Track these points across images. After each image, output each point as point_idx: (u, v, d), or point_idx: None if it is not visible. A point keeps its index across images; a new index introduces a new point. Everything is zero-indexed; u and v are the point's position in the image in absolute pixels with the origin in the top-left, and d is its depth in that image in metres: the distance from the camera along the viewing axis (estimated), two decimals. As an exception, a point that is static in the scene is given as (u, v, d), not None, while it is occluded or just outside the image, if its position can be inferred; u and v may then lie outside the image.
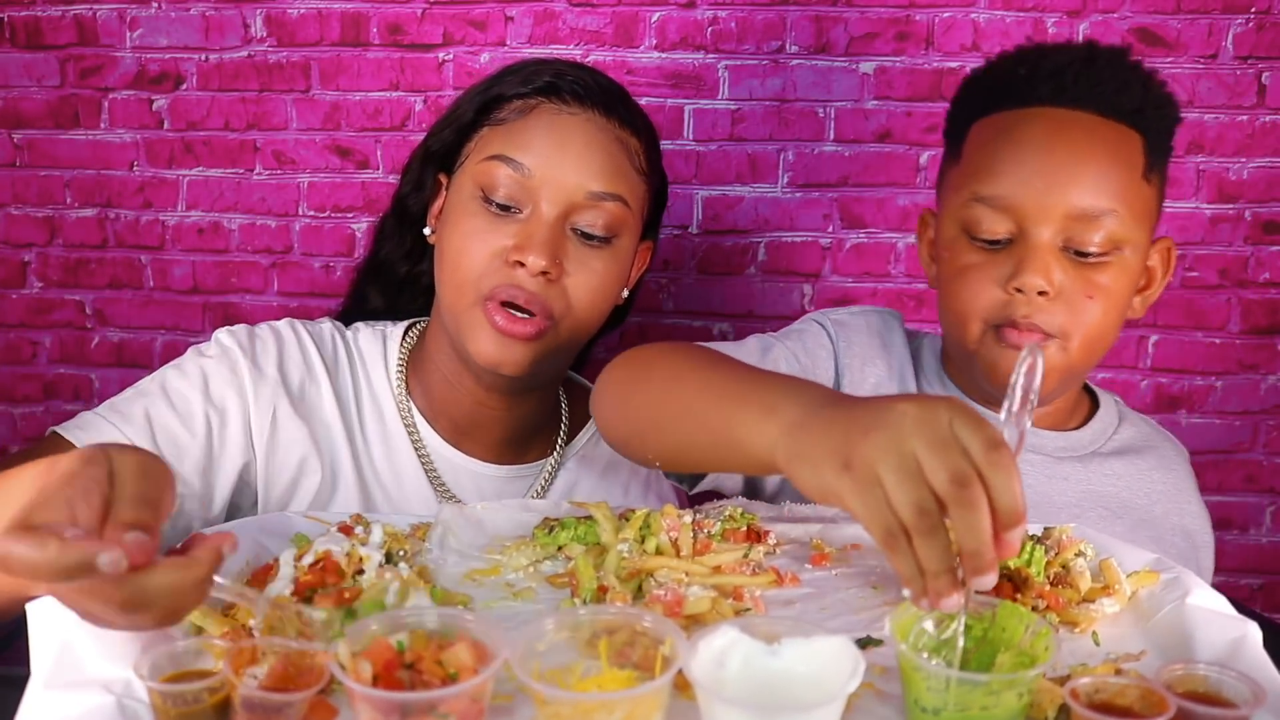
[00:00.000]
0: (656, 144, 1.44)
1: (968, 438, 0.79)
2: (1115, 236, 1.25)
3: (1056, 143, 1.25)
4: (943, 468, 0.78)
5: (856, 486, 0.82)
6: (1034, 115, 1.27)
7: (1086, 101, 1.26)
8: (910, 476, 0.79)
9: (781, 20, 2.22)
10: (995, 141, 1.29)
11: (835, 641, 0.82)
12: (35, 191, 2.38)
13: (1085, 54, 1.29)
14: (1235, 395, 2.32)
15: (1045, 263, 1.24)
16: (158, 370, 1.35)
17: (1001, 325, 1.27)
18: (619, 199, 1.34)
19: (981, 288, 1.28)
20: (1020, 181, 1.25)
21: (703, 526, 1.17)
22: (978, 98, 1.36)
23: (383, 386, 1.43)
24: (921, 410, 0.82)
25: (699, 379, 1.09)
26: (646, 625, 0.86)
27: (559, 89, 1.34)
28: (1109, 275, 1.26)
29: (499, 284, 1.30)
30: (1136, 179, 1.27)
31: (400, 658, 0.81)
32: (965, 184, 1.30)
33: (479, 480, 1.44)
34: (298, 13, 2.27)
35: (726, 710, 0.77)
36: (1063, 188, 1.23)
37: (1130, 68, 1.30)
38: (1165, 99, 1.31)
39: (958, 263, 1.31)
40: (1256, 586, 2.40)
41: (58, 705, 0.81)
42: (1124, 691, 0.82)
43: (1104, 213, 1.24)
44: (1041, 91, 1.27)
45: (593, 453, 1.52)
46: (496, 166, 1.32)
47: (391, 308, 1.52)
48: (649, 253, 1.50)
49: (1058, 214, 1.24)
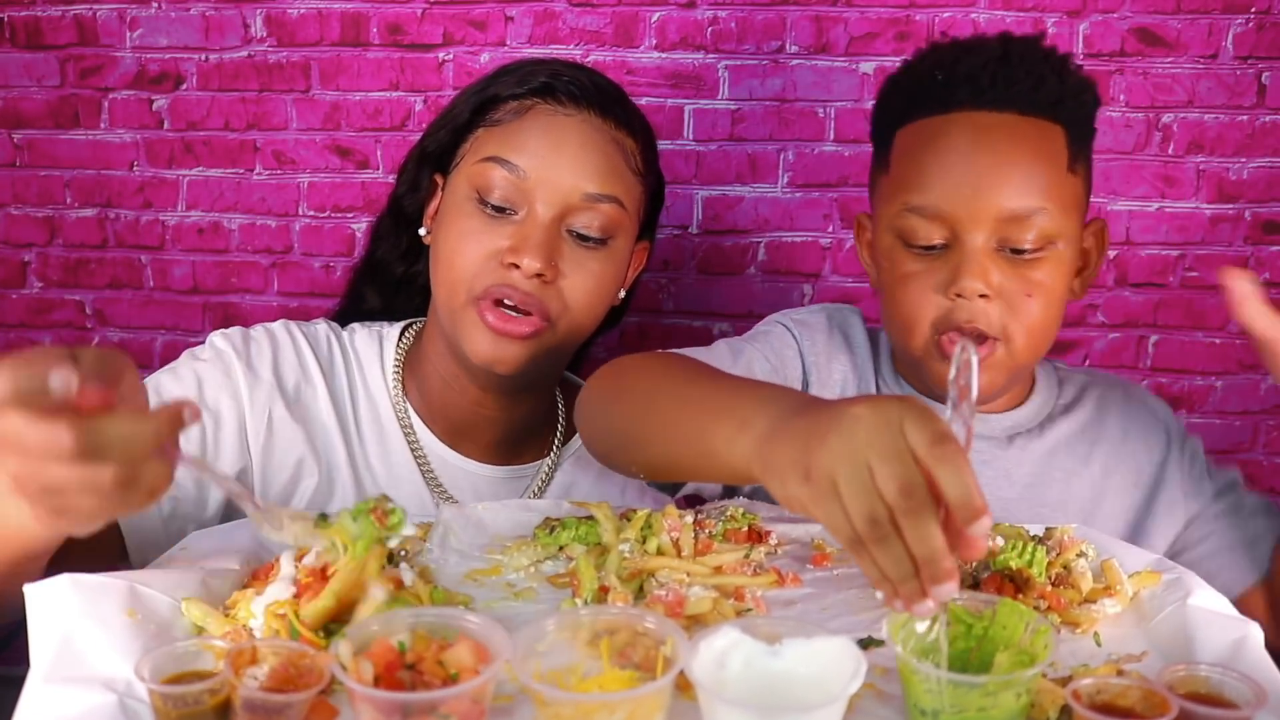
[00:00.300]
0: (653, 144, 1.44)
1: (915, 437, 0.79)
2: (1047, 232, 1.27)
3: (980, 149, 1.27)
4: (892, 477, 0.78)
5: (816, 496, 0.83)
6: (955, 121, 1.29)
7: (1005, 102, 1.28)
8: (863, 487, 0.80)
9: (781, 20, 2.22)
10: (920, 150, 1.31)
11: (837, 642, 0.82)
12: (35, 191, 2.38)
13: (1000, 52, 1.30)
14: (1235, 395, 2.32)
15: (982, 266, 1.27)
16: (151, 375, 1.34)
17: (945, 331, 1.30)
18: (615, 201, 1.34)
19: (923, 296, 1.31)
20: (949, 190, 1.27)
21: (704, 527, 1.17)
22: (899, 103, 1.37)
23: (379, 387, 1.43)
24: (874, 415, 0.81)
25: (675, 393, 1.11)
26: (648, 626, 0.86)
27: (554, 90, 1.34)
28: (1045, 270, 1.29)
29: (493, 284, 1.30)
30: (1062, 172, 1.29)
31: (401, 658, 0.81)
32: (896, 194, 1.33)
33: (475, 481, 1.44)
34: (298, 13, 2.27)
35: (728, 711, 0.77)
36: (991, 192, 1.26)
37: (1045, 60, 1.32)
38: (1082, 85, 1.34)
39: (897, 271, 1.33)
40: (1256, 586, 2.40)
41: (58, 701, 0.81)
42: (1126, 692, 0.82)
43: (1034, 211, 1.26)
44: (960, 96, 1.29)
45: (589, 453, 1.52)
46: (491, 168, 1.32)
47: (388, 308, 1.52)
48: (645, 253, 1.50)
49: (989, 218, 1.26)
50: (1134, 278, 2.26)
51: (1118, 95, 2.19)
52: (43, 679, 0.82)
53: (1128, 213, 2.23)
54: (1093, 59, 2.18)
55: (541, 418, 1.51)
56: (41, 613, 0.86)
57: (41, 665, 0.83)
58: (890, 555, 0.79)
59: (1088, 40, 2.18)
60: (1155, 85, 2.18)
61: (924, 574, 0.78)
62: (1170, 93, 2.18)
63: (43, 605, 0.87)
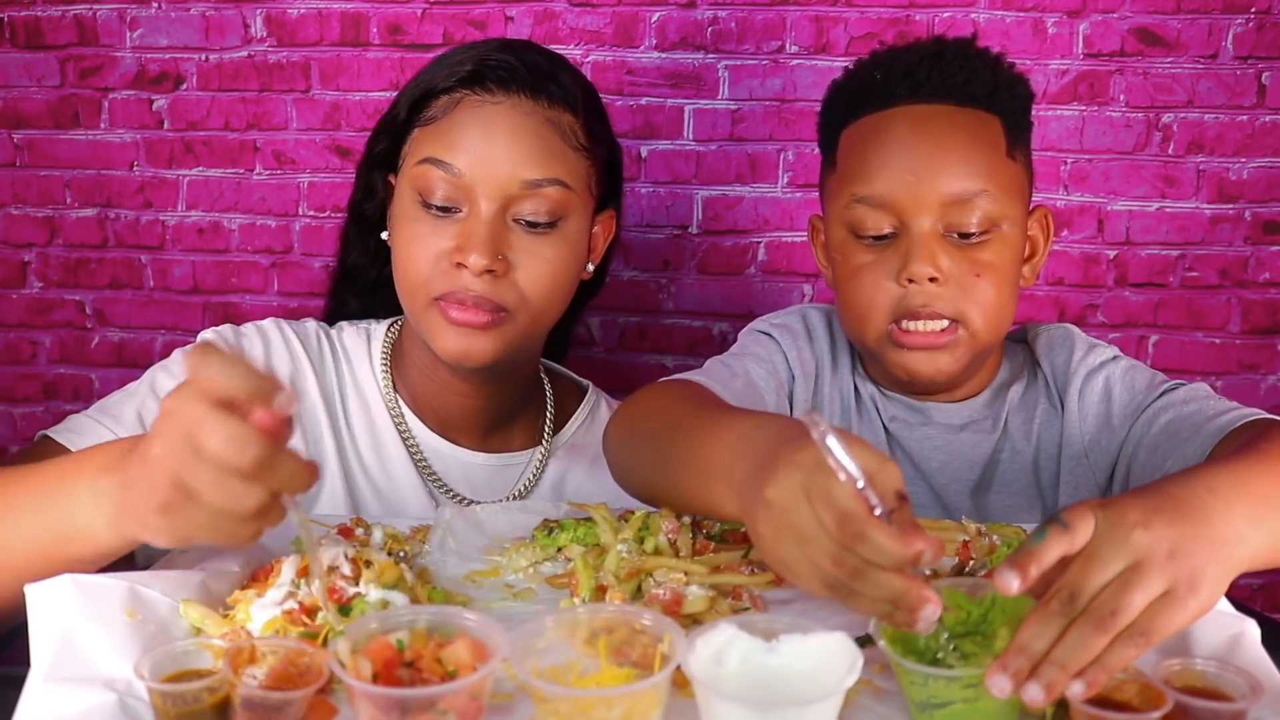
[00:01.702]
0: (598, 113, 1.42)
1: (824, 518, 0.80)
2: (990, 215, 1.32)
3: (920, 137, 1.33)
4: (822, 555, 0.80)
5: (784, 571, 0.86)
6: (896, 115, 1.35)
7: (941, 94, 1.34)
8: (808, 564, 0.82)
9: (781, 20, 2.22)
10: (864, 144, 1.36)
11: (833, 638, 0.82)
12: (35, 191, 2.38)
13: (934, 50, 1.37)
14: (1235, 395, 2.29)
15: (930, 250, 1.31)
16: (146, 372, 1.35)
17: (900, 318, 1.33)
18: (557, 183, 1.33)
19: (876, 285, 1.35)
20: (893, 178, 1.32)
21: (702, 527, 1.18)
22: (842, 106, 1.43)
23: (368, 382, 1.44)
24: (783, 499, 0.83)
25: (676, 451, 1.11)
26: (645, 623, 0.86)
27: (482, 77, 1.32)
28: (991, 251, 1.33)
29: (447, 289, 1.30)
30: (1001, 158, 1.34)
31: (400, 656, 0.81)
32: (843, 188, 1.37)
33: (469, 470, 1.45)
34: (298, 13, 2.27)
35: (725, 707, 0.77)
36: (933, 177, 1.31)
37: (977, 55, 1.38)
38: (1015, 79, 1.39)
39: (850, 263, 1.38)
40: (1256, 586, 2.40)
41: (59, 700, 0.81)
42: (1122, 686, 0.82)
43: (976, 194, 1.31)
44: (899, 91, 1.35)
45: (582, 442, 1.53)
46: (429, 170, 1.31)
47: (368, 310, 1.53)
48: (613, 221, 1.49)
49: (933, 203, 1.31)
50: (1134, 278, 2.26)
51: (1118, 95, 2.19)
52: (43, 678, 0.83)
53: (1128, 213, 2.23)
54: (1093, 59, 2.18)
55: (526, 401, 1.51)
56: (42, 612, 0.87)
57: (42, 665, 0.84)
58: (864, 603, 0.81)
59: (1088, 40, 2.19)
60: (1155, 85, 2.18)
61: (900, 609, 0.79)
62: (1170, 93, 2.18)
63: (43, 605, 0.87)
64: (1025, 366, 1.50)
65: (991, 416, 1.45)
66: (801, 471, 0.82)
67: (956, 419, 1.45)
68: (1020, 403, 1.46)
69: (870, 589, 0.79)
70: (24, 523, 0.94)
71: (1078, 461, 1.41)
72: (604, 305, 2.22)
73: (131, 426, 1.26)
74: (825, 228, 1.46)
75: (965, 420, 1.45)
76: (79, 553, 0.93)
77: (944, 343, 1.34)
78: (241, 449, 0.78)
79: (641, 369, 2.35)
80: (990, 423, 1.45)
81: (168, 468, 0.80)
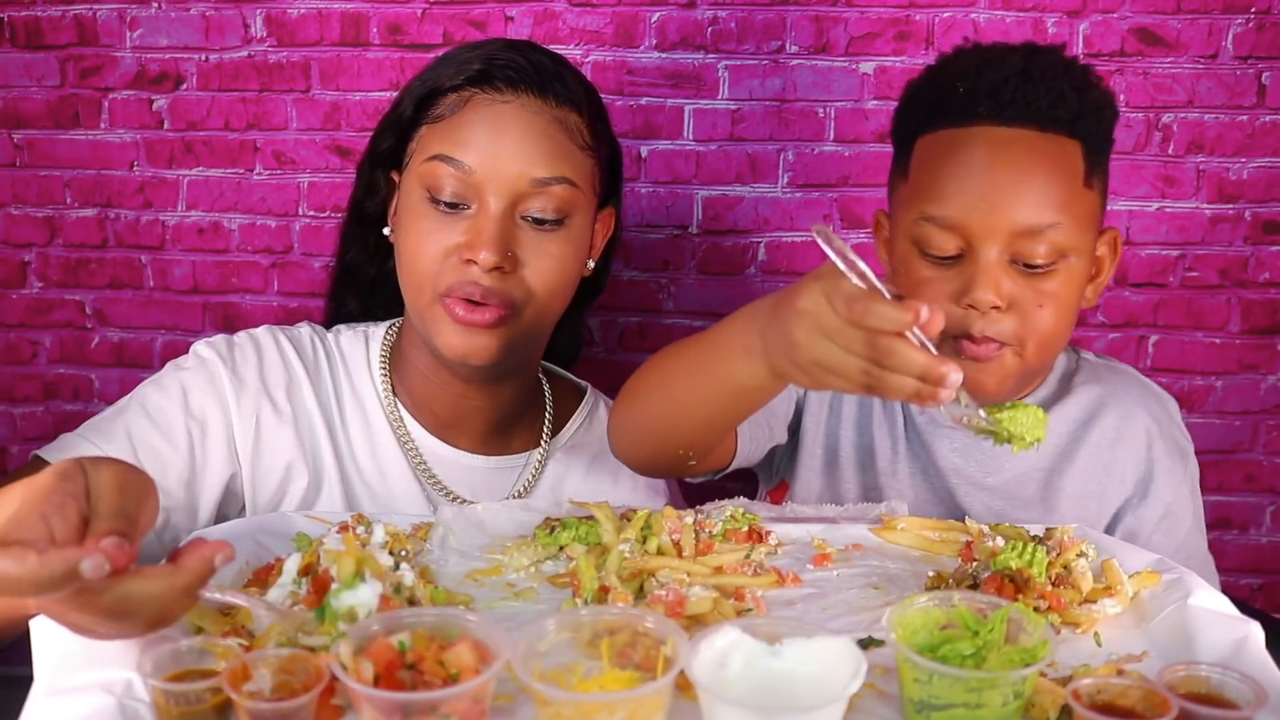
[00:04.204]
0: (601, 112, 1.43)
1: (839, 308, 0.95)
2: (1060, 246, 1.29)
3: (998, 163, 1.29)
4: (853, 342, 0.95)
5: (819, 382, 1.01)
6: (975, 135, 1.31)
7: (1024, 118, 1.30)
8: (840, 360, 0.97)
9: (781, 20, 2.22)
10: (939, 161, 1.33)
11: (837, 642, 0.82)
12: (35, 191, 2.37)
13: (1021, 66, 1.32)
14: (1235, 395, 2.32)
15: (994, 278, 1.29)
16: (136, 389, 1.35)
17: (957, 338, 1.31)
18: (565, 181, 1.33)
19: (936, 303, 1.30)
20: (965, 203, 1.29)
21: (704, 527, 1.17)
22: (920, 111, 1.40)
23: (366, 385, 1.44)
24: (805, 303, 0.98)
25: (684, 369, 1.23)
26: (648, 626, 0.86)
27: (491, 76, 1.33)
28: (1057, 281, 1.31)
29: (455, 282, 1.31)
30: (1078, 188, 1.31)
31: (402, 658, 0.81)
32: (914, 202, 1.36)
33: (468, 472, 1.45)
34: (298, 13, 2.27)
35: (728, 711, 0.77)
36: (1006, 208, 1.28)
37: (1065, 74, 1.33)
38: (1101, 100, 1.36)
39: (912, 277, 1.36)
40: (1256, 586, 2.40)
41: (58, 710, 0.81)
42: (1126, 692, 0.82)
43: (1048, 227, 1.28)
44: (980, 110, 1.31)
45: (581, 443, 1.53)
46: (438, 166, 1.32)
47: (367, 309, 1.53)
48: (612, 219, 1.50)
49: (1003, 232, 1.28)
50: (1134, 278, 2.26)
51: (1118, 95, 2.18)
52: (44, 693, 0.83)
53: (1128, 213, 2.22)
54: (1093, 59, 2.18)
55: (527, 403, 1.51)
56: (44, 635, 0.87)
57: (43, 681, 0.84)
58: (893, 384, 0.95)
59: (1088, 40, 2.18)
60: (1155, 85, 2.18)
61: (929, 382, 0.94)
62: (1170, 93, 2.18)
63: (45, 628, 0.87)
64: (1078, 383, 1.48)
65: None
66: (821, 280, 0.97)
67: None
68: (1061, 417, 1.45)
69: (898, 363, 0.93)
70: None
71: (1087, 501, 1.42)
72: (604, 305, 2.22)
73: (121, 443, 1.27)
74: (890, 232, 1.44)
75: None
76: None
77: (991, 356, 1.31)
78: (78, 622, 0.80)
79: (642, 369, 2.35)
80: None
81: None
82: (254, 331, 1.42)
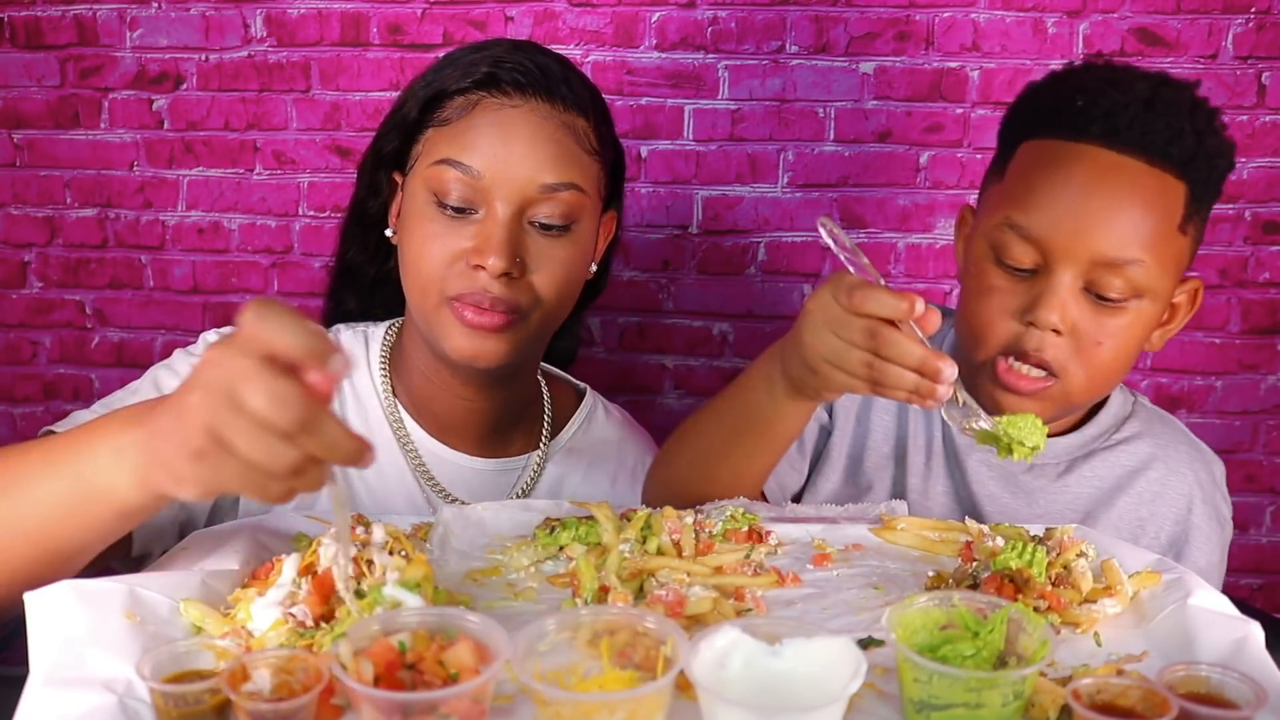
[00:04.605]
0: (606, 116, 1.42)
1: (842, 301, 1.04)
2: (1138, 285, 1.25)
3: (1098, 187, 1.24)
4: (858, 332, 1.03)
5: (829, 377, 1.08)
6: (1080, 153, 1.26)
7: (1136, 148, 1.25)
8: (843, 352, 1.05)
9: (781, 20, 2.22)
10: (1038, 170, 1.29)
11: (837, 642, 0.82)
12: (35, 191, 2.38)
13: (1147, 96, 1.26)
14: (1235, 395, 2.32)
15: (1063, 301, 1.25)
16: (149, 370, 1.34)
17: (1010, 355, 1.28)
18: (573, 187, 1.33)
19: (1000, 315, 1.29)
20: (1053, 219, 1.25)
21: (704, 527, 1.17)
22: (1033, 115, 1.35)
23: (366, 387, 1.43)
24: (814, 304, 1.08)
25: (713, 414, 1.31)
26: (648, 626, 0.86)
27: (499, 80, 1.32)
28: (1125, 320, 1.27)
29: (463, 290, 1.30)
30: (1171, 230, 1.26)
31: (402, 658, 0.81)
32: (1002, 204, 1.31)
33: (466, 475, 1.44)
34: (298, 13, 2.27)
35: (728, 711, 0.77)
36: (1092, 234, 1.23)
37: (1189, 114, 1.27)
38: (1220, 148, 1.30)
39: (983, 282, 1.32)
40: (1256, 586, 2.40)
41: (58, 703, 0.81)
42: (1126, 692, 0.82)
43: (1129, 262, 1.24)
44: (1094, 129, 1.26)
45: (579, 445, 1.52)
46: (445, 171, 1.31)
47: (367, 309, 1.52)
48: (613, 222, 1.49)
49: (1083, 258, 1.24)
50: (1134, 278, 2.26)
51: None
52: (43, 682, 0.82)
53: (1128, 213, 2.23)
54: (1093, 59, 2.18)
55: (526, 405, 1.51)
56: (41, 618, 0.86)
57: (41, 669, 0.83)
58: (893, 376, 1.02)
59: (1088, 40, 2.18)
60: (1155, 85, 2.18)
61: (925, 373, 1.01)
62: (1170, 93, 2.18)
63: (43, 611, 0.87)
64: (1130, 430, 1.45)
65: (1065, 464, 1.43)
66: (828, 283, 1.07)
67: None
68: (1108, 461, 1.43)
69: (897, 353, 1.01)
70: (41, 488, 0.92)
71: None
72: (604, 305, 2.22)
73: None
74: (971, 230, 1.40)
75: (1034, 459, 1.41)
76: (100, 513, 0.91)
77: (1035, 390, 1.28)
78: (284, 408, 0.76)
79: (641, 369, 2.35)
80: (1058, 468, 1.43)
81: (203, 417, 0.78)
82: None
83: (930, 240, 2.32)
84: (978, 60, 2.23)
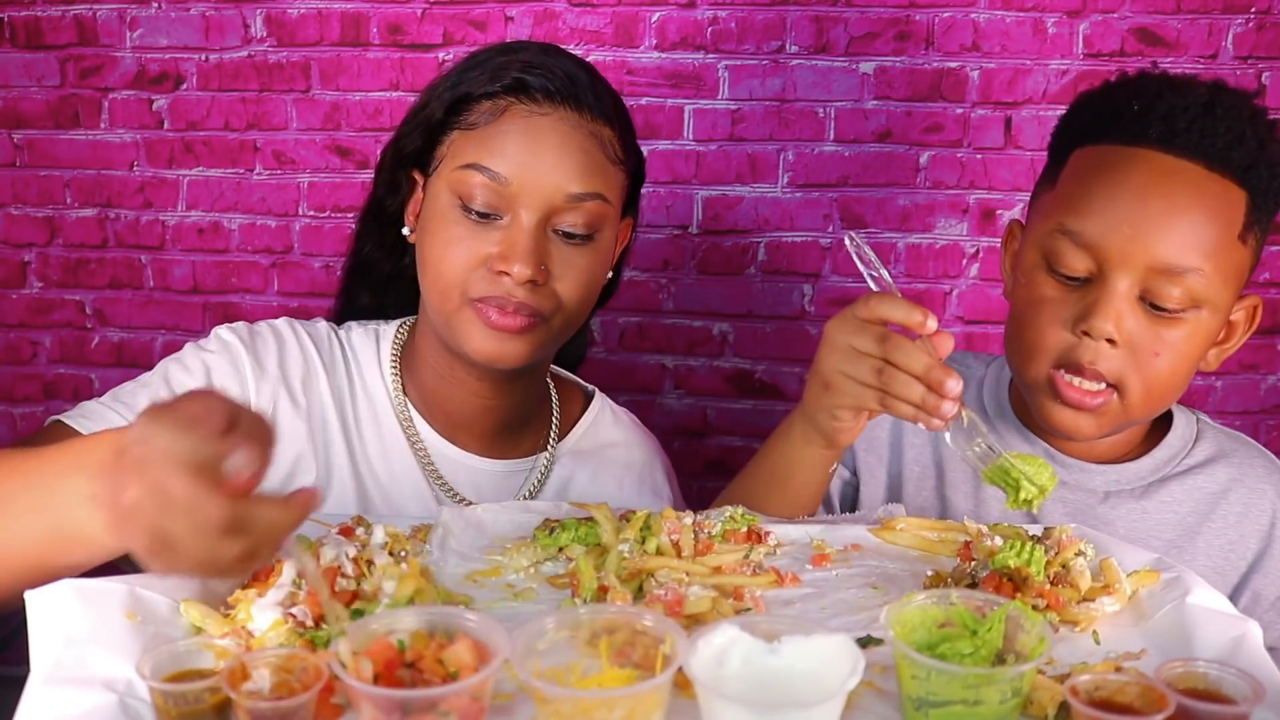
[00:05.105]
0: (629, 125, 1.42)
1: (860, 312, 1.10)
2: (1196, 295, 1.21)
3: (1155, 191, 1.20)
4: (869, 340, 1.09)
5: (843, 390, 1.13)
6: (1137, 157, 1.22)
7: (1195, 151, 1.21)
8: (856, 360, 1.10)
9: (781, 20, 2.22)
10: (1093, 175, 1.25)
11: (835, 640, 0.82)
12: (35, 191, 2.38)
13: (1205, 100, 1.23)
14: (1235, 395, 2.32)
15: (1118, 310, 1.21)
16: (159, 364, 1.35)
17: (1064, 367, 1.25)
18: (598, 197, 1.33)
19: (1052, 326, 1.26)
20: (1108, 225, 1.21)
21: (703, 527, 1.17)
22: (1086, 121, 1.31)
23: (377, 385, 1.43)
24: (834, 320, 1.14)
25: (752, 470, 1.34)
26: (647, 624, 0.86)
27: (528, 86, 1.31)
28: (1181, 332, 1.23)
29: (487, 292, 1.30)
30: (1231, 239, 1.22)
31: (401, 656, 0.81)
32: (1055, 212, 1.27)
33: (475, 475, 1.44)
34: (298, 13, 2.27)
35: (726, 708, 0.77)
36: (1150, 239, 1.19)
37: (1250, 120, 1.23)
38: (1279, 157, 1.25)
39: (1035, 293, 1.28)
40: (1256, 586, 2.40)
41: (59, 702, 0.81)
42: (1124, 688, 0.82)
43: (1188, 270, 1.20)
44: (1151, 132, 1.22)
45: (586, 447, 1.52)
46: (472, 175, 1.30)
47: (380, 306, 1.52)
48: (629, 228, 1.49)
49: (1140, 264, 1.20)
50: (1133, 277, 2.26)
51: (1117, 95, 2.19)
52: (43, 681, 0.83)
53: (1127, 212, 2.23)
54: (1093, 59, 2.18)
55: (536, 405, 1.51)
56: (42, 617, 0.87)
57: (42, 668, 0.84)
58: (901, 384, 1.06)
59: (1088, 40, 2.19)
60: (1155, 85, 2.18)
61: (931, 383, 1.04)
62: (1170, 92, 2.18)
63: (43, 610, 0.87)
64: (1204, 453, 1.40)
65: (1140, 489, 1.37)
66: (849, 308, 1.11)
67: (1100, 484, 1.37)
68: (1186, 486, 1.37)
69: (904, 359, 1.05)
70: (20, 522, 0.93)
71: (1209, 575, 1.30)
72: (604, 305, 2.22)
73: None
74: (1021, 243, 1.35)
75: (1108, 488, 1.37)
76: (78, 559, 0.93)
77: (1094, 405, 1.24)
78: (204, 519, 0.78)
79: (641, 369, 2.35)
80: (1134, 494, 1.37)
81: (148, 519, 0.80)
82: (274, 322, 1.42)
83: (930, 240, 2.32)
84: (978, 60, 2.23)
